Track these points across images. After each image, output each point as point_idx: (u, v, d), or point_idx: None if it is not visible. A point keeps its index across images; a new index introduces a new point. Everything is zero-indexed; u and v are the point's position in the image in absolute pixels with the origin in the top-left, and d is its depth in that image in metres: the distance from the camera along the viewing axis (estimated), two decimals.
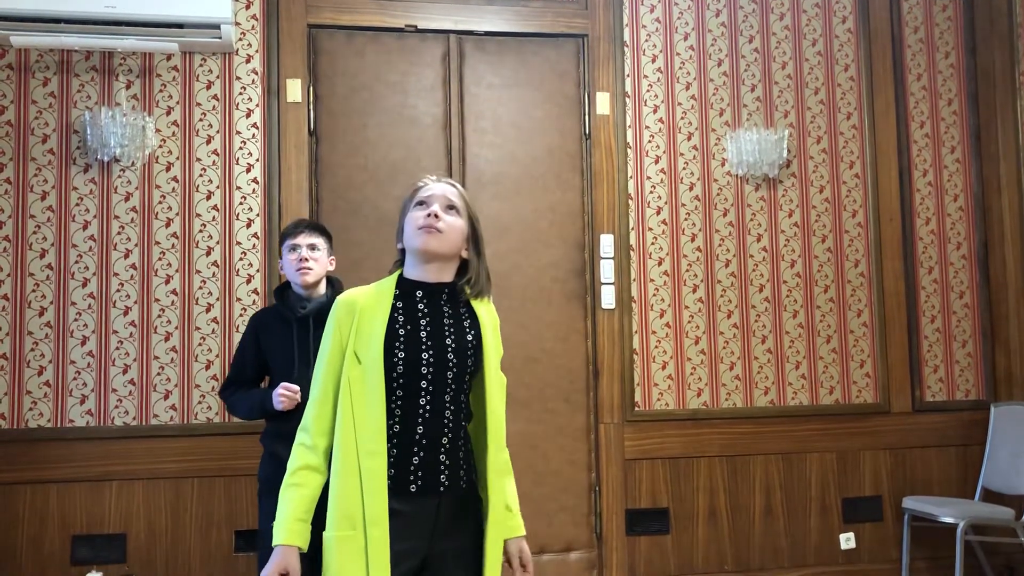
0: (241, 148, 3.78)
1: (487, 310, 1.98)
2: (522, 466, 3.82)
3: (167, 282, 3.68)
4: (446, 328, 1.88)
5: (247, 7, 3.83)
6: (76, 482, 3.53)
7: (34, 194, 3.62)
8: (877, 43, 4.31)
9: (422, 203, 1.90)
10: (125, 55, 3.72)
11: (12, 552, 3.48)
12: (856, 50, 4.31)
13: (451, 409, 1.86)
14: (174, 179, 3.72)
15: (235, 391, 2.98)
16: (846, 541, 4.07)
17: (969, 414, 4.23)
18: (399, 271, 1.94)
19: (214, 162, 3.75)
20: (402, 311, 1.86)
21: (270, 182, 3.77)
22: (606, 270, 3.98)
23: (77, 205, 3.65)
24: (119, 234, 3.67)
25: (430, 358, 1.83)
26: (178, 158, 3.73)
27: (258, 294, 3.72)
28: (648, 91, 4.12)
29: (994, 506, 3.89)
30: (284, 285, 2.99)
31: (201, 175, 3.74)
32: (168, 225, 3.70)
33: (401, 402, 1.82)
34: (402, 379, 1.81)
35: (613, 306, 3.97)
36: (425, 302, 1.89)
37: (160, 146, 3.72)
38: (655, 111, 4.12)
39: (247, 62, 3.82)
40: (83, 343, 3.60)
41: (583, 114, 4.07)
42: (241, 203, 3.75)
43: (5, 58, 3.65)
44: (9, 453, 3.50)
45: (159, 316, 3.65)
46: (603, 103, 4.05)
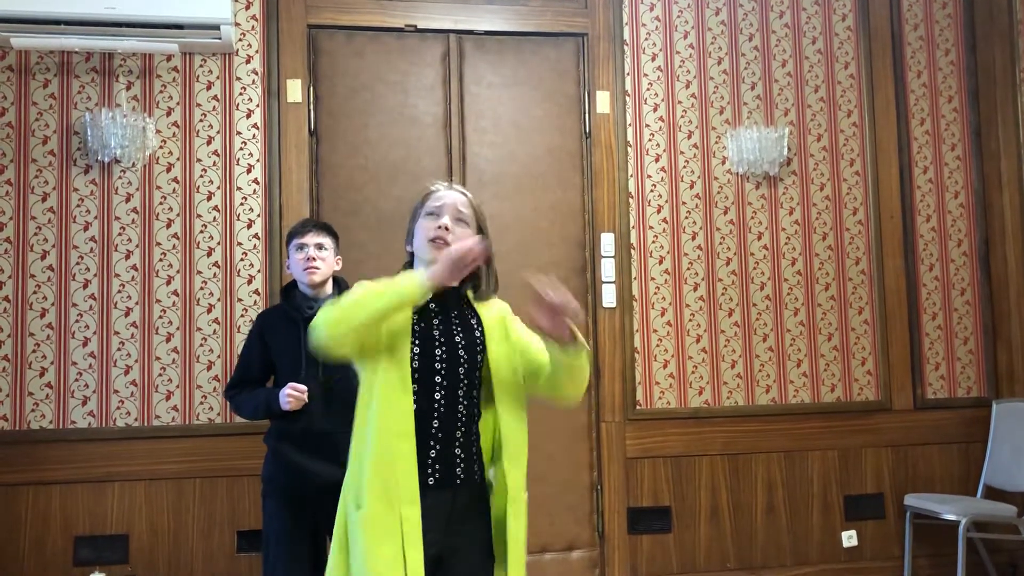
0: (241, 149, 3.78)
1: (495, 308, 2.05)
2: None
3: (168, 283, 3.68)
4: (454, 327, 1.95)
5: (247, 8, 3.83)
6: (78, 483, 3.53)
7: (35, 195, 3.63)
8: (877, 40, 4.31)
9: (433, 213, 1.97)
10: (125, 56, 3.72)
11: (15, 553, 3.49)
12: (856, 48, 4.31)
13: (464, 404, 1.92)
14: (175, 180, 3.72)
15: (240, 391, 2.96)
16: (848, 539, 4.07)
17: (971, 411, 4.23)
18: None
19: (214, 163, 3.76)
20: (415, 309, 1.91)
21: (271, 182, 3.77)
22: (607, 269, 3.98)
23: (78, 206, 3.65)
24: (120, 235, 3.67)
25: (443, 354, 1.90)
26: (178, 159, 3.73)
27: (259, 295, 3.72)
28: (648, 89, 4.12)
29: (996, 503, 3.89)
30: (290, 284, 2.98)
31: (202, 176, 3.74)
32: (169, 226, 3.70)
33: (416, 397, 1.87)
34: (417, 374, 1.87)
35: (614, 305, 3.97)
36: (435, 303, 1.95)
37: (160, 147, 3.72)
38: (655, 109, 4.12)
39: (247, 63, 3.82)
40: (84, 344, 3.60)
41: (583, 113, 4.07)
42: (242, 204, 3.76)
43: (5, 60, 3.65)
44: (11, 455, 3.50)
45: (160, 317, 3.66)
46: (603, 102, 4.05)
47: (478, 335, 1.97)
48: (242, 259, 3.73)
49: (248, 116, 3.80)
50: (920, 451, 4.18)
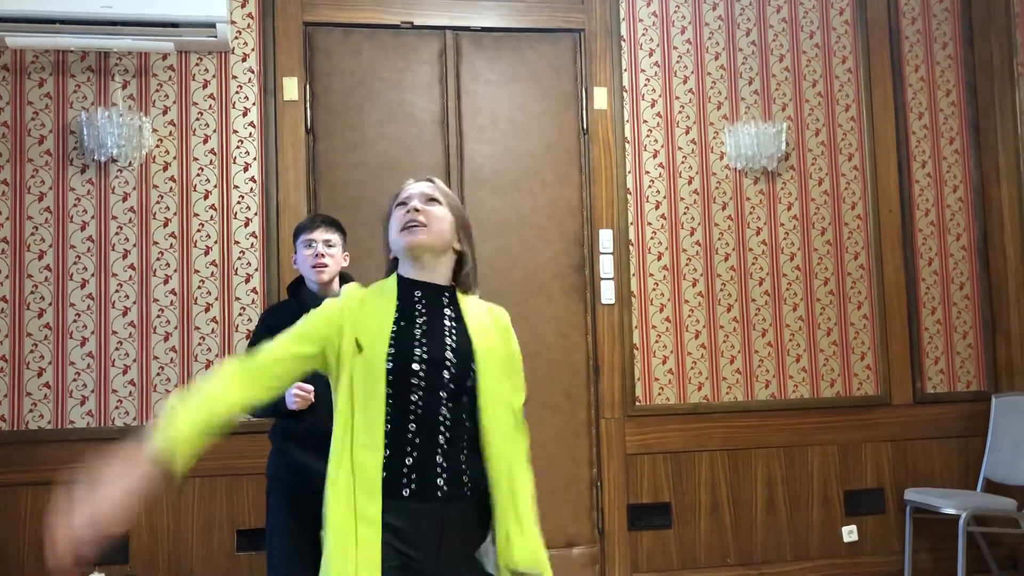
0: (238, 147, 3.77)
1: (481, 308, 1.88)
2: None
3: (166, 282, 3.67)
4: (447, 330, 1.79)
5: (242, 5, 3.82)
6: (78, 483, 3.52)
7: (31, 195, 3.62)
8: (875, 35, 4.30)
9: (402, 203, 1.84)
10: (121, 55, 3.71)
11: (15, 554, 3.48)
12: (854, 42, 4.30)
13: (449, 407, 1.73)
14: (171, 179, 3.71)
15: None
16: (848, 534, 4.07)
17: (970, 405, 4.22)
18: (395, 273, 1.87)
19: (211, 161, 3.75)
20: (400, 309, 1.79)
21: (268, 181, 3.77)
22: (605, 265, 3.98)
23: (75, 206, 3.64)
24: (117, 234, 3.66)
25: (423, 354, 1.73)
26: (175, 158, 3.72)
27: (257, 293, 3.71)
28: (645, 85, 4.11)
29: (996, 497, 3.89)
30: (298, 281, 2.96)
31: (198, 174, 3.73)
32: (166, 225, 3.69)
33: (392, 400, 1.71)
34: (391, 376, 1.71)
35: (613, 301, 3.96)
36: (424, 302, 1.81)
37: (157, 146, 3.72)
38: (653, 105, 4.11)
39: (243, 61, 3.81)
40: (82, 344, 3.60)
41: (581, 109, 4.06)
42: (239, 202, 3.75)
43: (0, 59, 3.64)
44: (10, 455, 3.50)
45: (158, 316, 3.65)
46: (600, 98, 4.04)
47: (470, 341, 1.80)
48: (239, 258, 3.72)
49: (244, 114, 3.79)
50: (920, 445, 4.18)
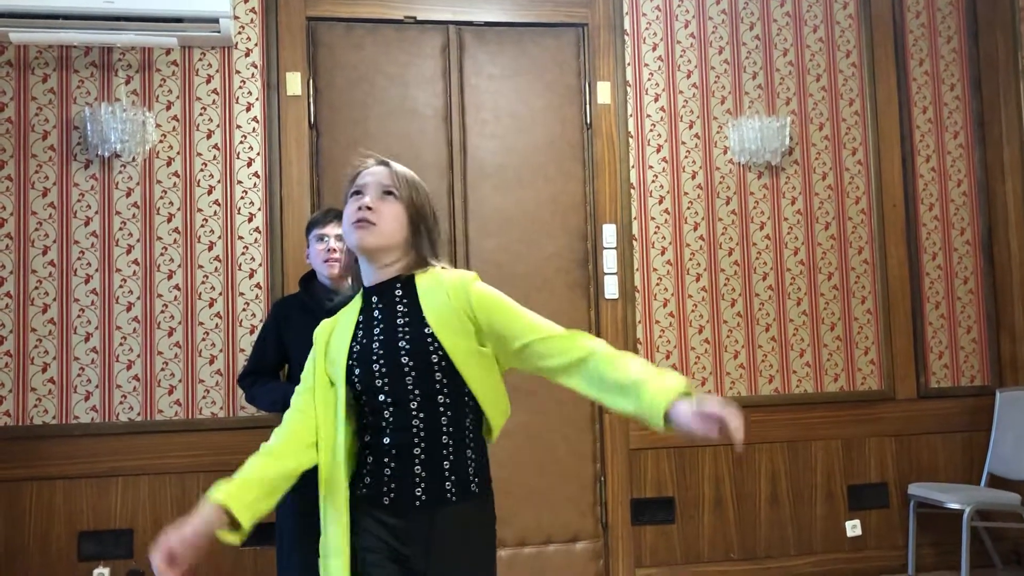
0: (242, 142, 3.77)
1: (436, 285, 1.74)
2: (527, 457, 3.83)
3: (169, 277, 3.67)
4: (399, 329, 1.71)
5: (245, 1, 3.81)
6: (82, 478, 3.54)
7: (35, 191, 3.62)
8: (879, 29, 4.29)
9: (357, 192, 1.75)
10: (124, 50, 3.71)
11: (20, 549, 3.49)
12: (857, 36, 4.29)
13: (420, 417, 1.69)
14: (175, 174, 3.71)
15: (255, 381, 2.93)
16: (852, 528, 4.07)
17: (974, 400, 4.22)
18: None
19: (215, 156, 3.75)
20: (363, 325, 1.75)
21: (271, 176, 3.76)
22: (609, 260, 3.97)
23: (78, 201, 3.64)
24: (121, 230, 3.66)
25: (382, 368, 1.69)
26: (179, 153, 3.72)
27: (260, 288, 3.72)
28: (649, 80, 4.11)
29: (1000, 491, 3.89)
30: (309, 275, 2.96)
31: (202, 170, 3.73)
32: (170, 220, 3.70)
33: (371, 417, 1.72)
34: (364, 395, 1.71)
35: (616, 296, 3.96)
36: (380, 307, 1.75)
37: (160, 141, 3.72)
38: (656, 100, 4.10)
39: (246, 56, 3.80)
40: (87, 339, 3.60)
41: (584, 103, 4.05)
42: (242, 197, 3.75)
43: (4, 55, 3.64)
44: (14, 450, 3.50)
45: (162, 311, 3.65)
46: (604, 92, 4.03)
47: (427, 331, 1.69)
48: (243, 253, 3.73)
49: (248, 109, 3.79)
50: (924, 440, 4.18)
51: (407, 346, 1.69)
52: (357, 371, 1.71)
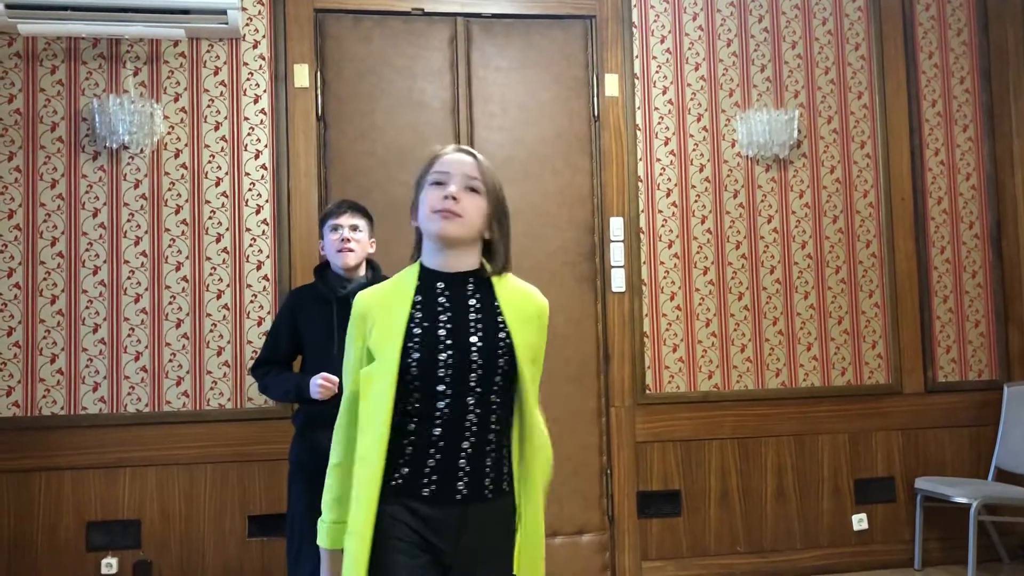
0: (249, 134, 3.77)
1: (518, 294, 1.80)
2: None
3: (177, 269, 3.68)
4: (471, 324, 1.71)
5: None
6: (90, 469, 3.55)
7: (44, 182, 3.63)
8: (888, 21, 4.27)
9: (439, 181, 1.74)
10: (132, 42, 3.71)
11: (28, 539, 3.51)
12: (866, 28, 4.27)
13: (476, 412, 1.68)
14: (183, 166, 3.72)
15: (268, 370, 2.92)
16: (858, 522, 4.06)
17: (982, 394, 4.21)
18: (419, 261, 1.79)
19: (222, 148, 3.75)
20: (421, 306, 1.71)
21: (278, 168, 3.77)
22: (616, 253, 3.97)
23: (87, 193, 3.65)
24: (129, 221, 3.67)
25: (448, 359, 1.67)
26: (186, 145, 3.73)
27: (268, 280, 3.72)
28: (657, 72, 4.10)
29: (1007, 486, 3.88)
30: (323, 264, 2.97)
31: (210, 161, 3.74)
32: (177, 212, 3.70)
33: (419, 405, 1.67)
34: (417, 381, 1.66)
35: (623, 289, 3.96)
36: (447, 295, 1.73)
37: (168, 133, 3.72)
38: (664, 92, 4.09)
39: (254, 48, 3.80)
40: (95, 331, 3.61)
41: (592, 96, 4.05)
42: (250, 189, 3.75)
43: (13, 46, 3.64)
44: (23, 441, 3.52)
45: (170, 303, 3.66)
46: (612, 85, 4.02)
47: (503, 336, 1.71)
48: (251, 245, 3.73)
49: (255, 101, 3.79)
50: (931, 434, 4.17)
51: (479, 342, 1.69)
52: (416, 354, 1.66)
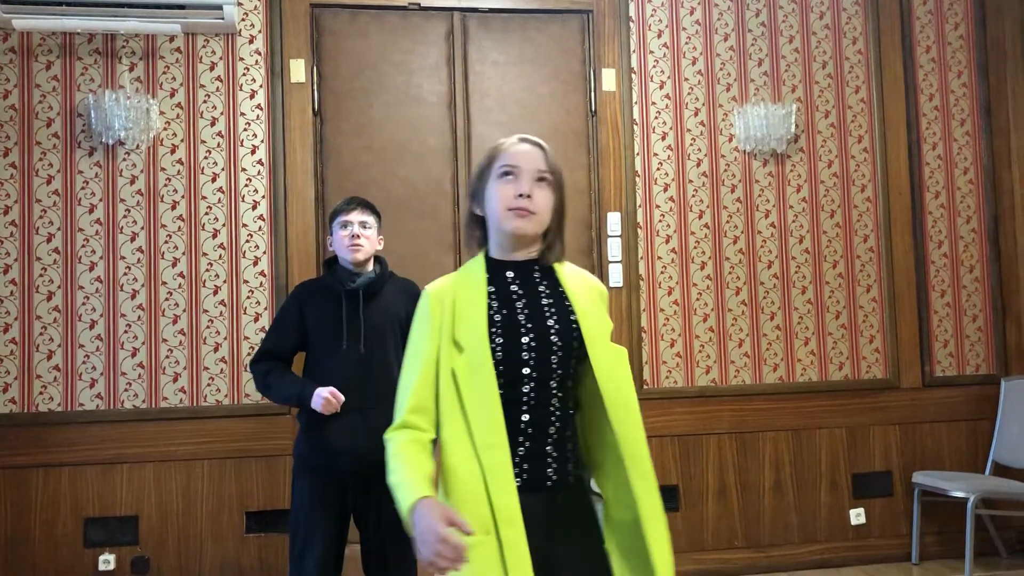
0: (245, 129, 3.76)
1: (579, 279, 1.81)
2: None
3: (174, 265, 3.67)
4: (546, 309, 1.72)
5: None
6: (87, 465, 3.55)
7: (39, 178, 3.62)
8: (885, 15, 4.26)
9: (508, 173, 1.72)
10: (128, 37, 3.70)
11: (26, 535, 3.51)
12: (864, 22, 4.26)
13: (559, 396, 1.69)
14: (179, 161, 3.71)
15: (270, 369, 2.86)
16: (856, 516, 4.07)
17: (979, 388, 4.21)
18: (482, 252, 1.78)
19: (219, 144, 3.74)
20: (495, 295, 1.71)
21: (275, 164, 3.76)
22: (613, 248, 3.96)
23: (83, 188, 3.64)
24: (125, 217, 3.66)
25: (531, 342, 1.67)
26: (183, 140, 3.72)
27: (265, 276, 3.71)
28: (654, 67, 4.09)
29: (1005, 480, 3.89)
30: (332, 259, 2.97)
31: (206, 157, 3.73)
32: (174, 208, 3.69)
33: (503, 391, 1.65)
34: (502, 366, 1.65)
35: (621, 284, 3.95)
36: (519, 283, 1.74)
37: (164, 128, 3.71)
38: (661, 87, 4.08)
39: (250, 43, 3.79)
40: (91, 327, 3.60)
41: (589, 91, 4.04)
42: (246, 185, 3.74)
43: (8, 41, 3.63)
44: (20, 437, 3.51)
45: (167, 299, 3.66)
46: (609, 79, 4.02)
47: (573, 319, 1.71)
48: (247, 240, 3.72)
49: (252, 97, 3.78)
50: (928, 429, 4.17)
51: (555, 325, 1.70)
52: (499, 340, 1.66)
